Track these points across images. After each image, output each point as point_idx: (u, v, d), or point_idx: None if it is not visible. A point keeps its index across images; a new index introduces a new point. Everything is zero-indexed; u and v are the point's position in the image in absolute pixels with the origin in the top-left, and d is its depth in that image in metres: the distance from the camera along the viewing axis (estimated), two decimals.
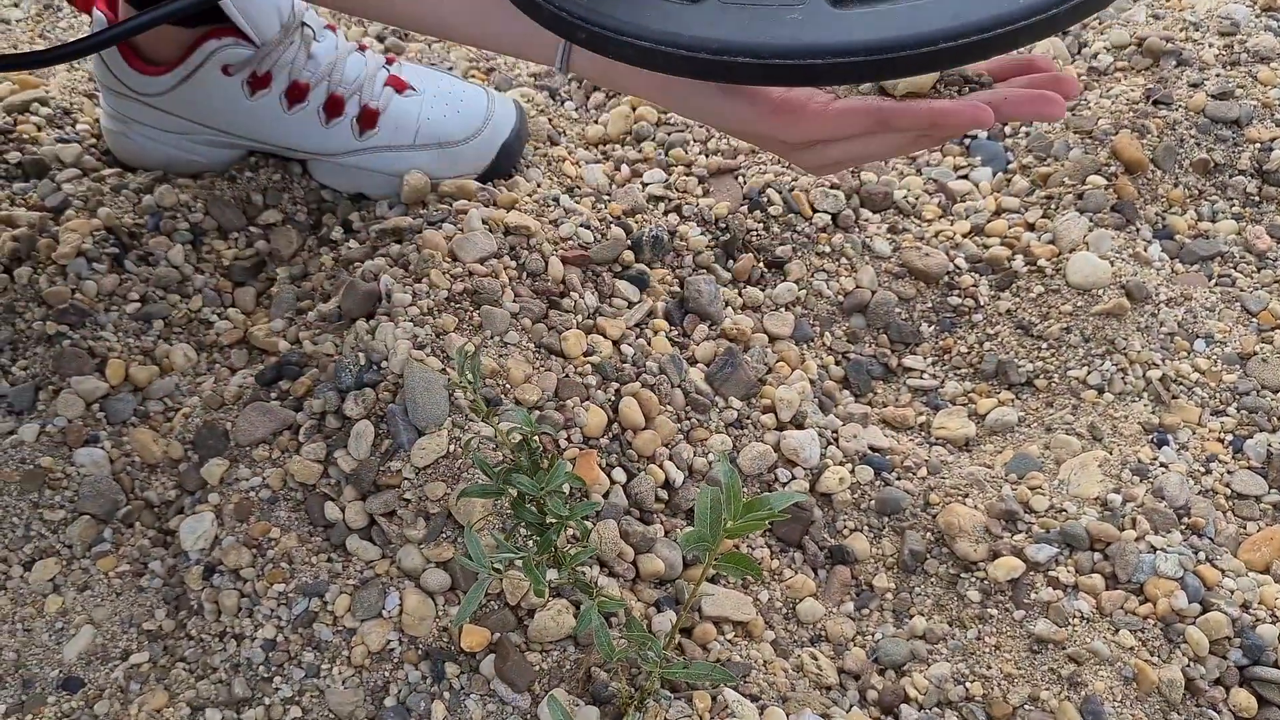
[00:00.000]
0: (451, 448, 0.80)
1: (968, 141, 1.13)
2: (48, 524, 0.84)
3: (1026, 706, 0.73)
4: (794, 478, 0.87)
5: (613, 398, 0.87)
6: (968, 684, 0.75)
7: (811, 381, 0.94)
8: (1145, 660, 0.74)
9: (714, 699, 0.75)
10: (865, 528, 0.86)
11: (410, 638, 0.76)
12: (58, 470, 0.86)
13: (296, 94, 0.98)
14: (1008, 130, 1.13)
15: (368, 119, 1.02)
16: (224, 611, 0.79)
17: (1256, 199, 1.05)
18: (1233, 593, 0.76)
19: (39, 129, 1.08)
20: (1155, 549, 0.79)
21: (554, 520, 0.67)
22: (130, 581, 0.83)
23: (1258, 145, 1.06)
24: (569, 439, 0.83)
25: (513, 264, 0.93)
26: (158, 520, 0.86)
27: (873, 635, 0.81)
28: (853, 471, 0.88)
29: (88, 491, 0.85)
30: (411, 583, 0.78)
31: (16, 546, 0.83)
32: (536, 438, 0.68)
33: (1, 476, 0.84)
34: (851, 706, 0.76)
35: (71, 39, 0.75)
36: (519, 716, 0.73)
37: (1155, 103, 1.09)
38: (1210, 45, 1.14)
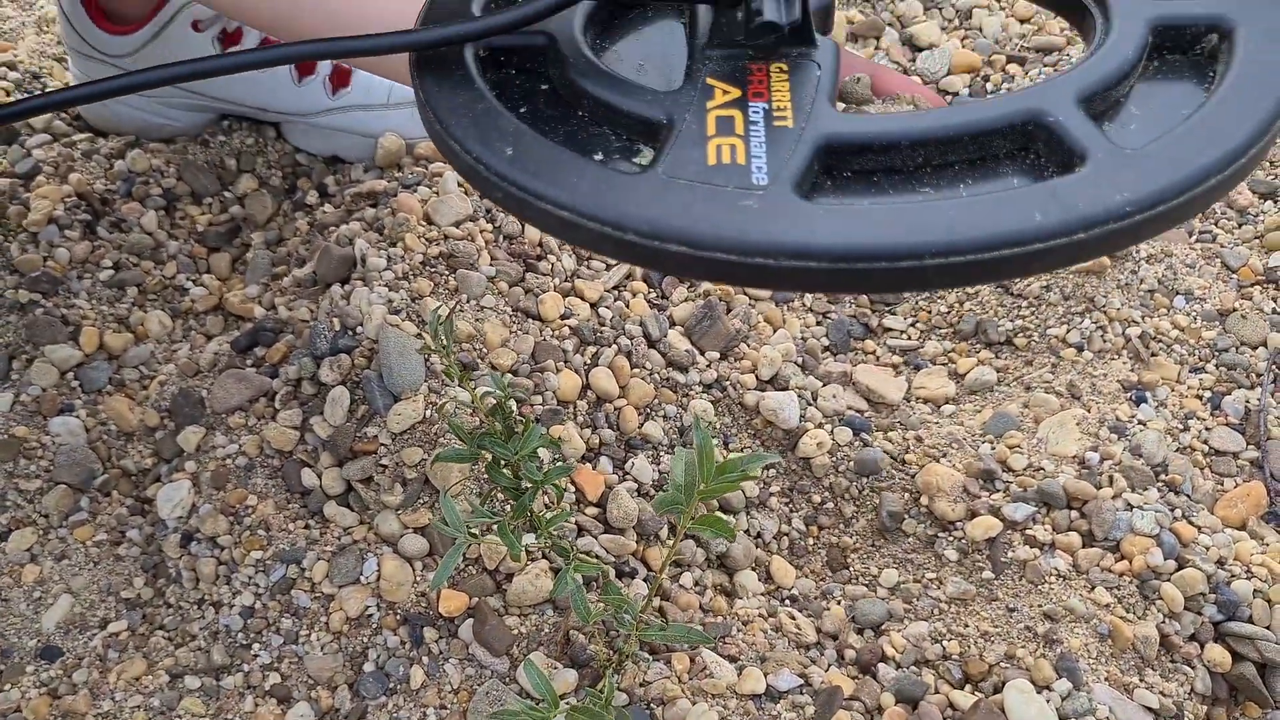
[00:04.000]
0: (427, 413, 0.80)
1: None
2: (24, 494, 0.83)
3: (1003, 664, 0.73)
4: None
5: (589, 361, 0.87)
6: (945, 643, 0.76)
7: (795, 341, 0.93)
8: (1120, 617, 0.74)
9: (692, 660, 0.75)
10: (845, 493, 0.86)
11: (389, 603, 0.76)
12: (33, 439, 0.85)
13: None
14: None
15: (340, 77, 1.01)
16: (202, 579, 0.79)
17: None
18: (1208, 549, 0.77)
19: (8, 94, 1.06)
20: (1132, 506, 0.79)
21: (529, 484, 0.67)
22: (108, 550, 0.82)
23: None
24: (544, 403, 0.83)
25: (489, 226, 0.92)
26: (135, 488, 0.86)
27: (850, 595, 0.81)
28: (831, 433, 0.87)
29: (64, 460, 0.85)
30: (389, 548, 0.78)
31: None
32: (511, 401, 0.68)
33: None
34: (830, 666, 0.77)
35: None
36: (498, 680, 0.73)
37: None
38: None
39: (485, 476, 0.78)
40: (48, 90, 0.81)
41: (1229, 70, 0.47)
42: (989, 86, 1.15)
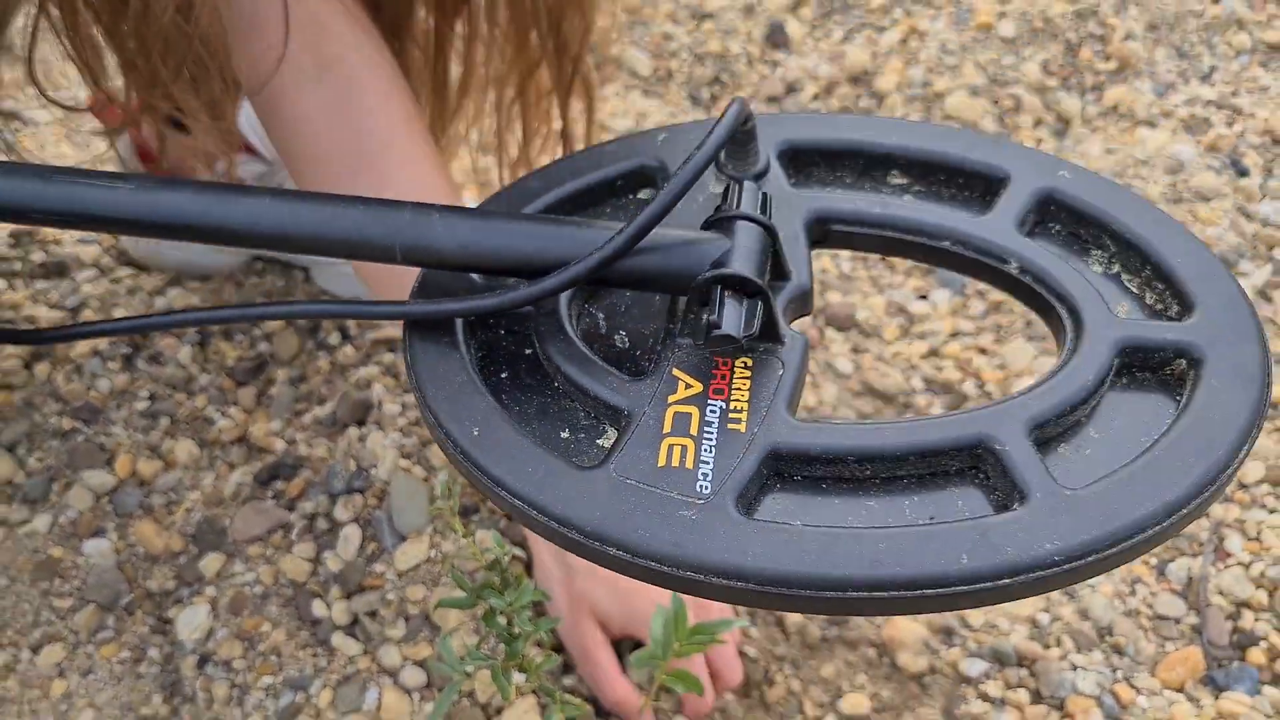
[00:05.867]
0: (432, 553, 0.87)
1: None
2: (56, 611, 0.90)
3: None
4: None
5: None
6: None
7: None
8: None
9: None
10: (815, 641, 0.93)
11: None
12: (67, 560, 0.92)
13: None
14: None
15: None
16: (216, 700, 0.85)
17: None
18: (1145, 710, 0.83)
19: (58, 243, 1.16)
20: (1076, 667, 0.85)
21: (521, 632, 0.74)
22: (130, 668, 0.89)
23: None
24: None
25: None
26: (157, 609, 0.92)
27: None
28: None
29: (94, 581, 0.92)
30: (390, 679, 0.84)
31: (26, 632, 0.89)
32: (507, 556, 0.75)
33: (15, 566, 0.91)
34: None
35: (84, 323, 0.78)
36: None
37: None
38: (1156, 182, 1.23)
39: (483, 618, 0.85)
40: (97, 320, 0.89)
41: (1189, 407, 0.46)
42: None
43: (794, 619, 0.93)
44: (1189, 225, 1.18)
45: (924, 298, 1.19)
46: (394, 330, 1.05)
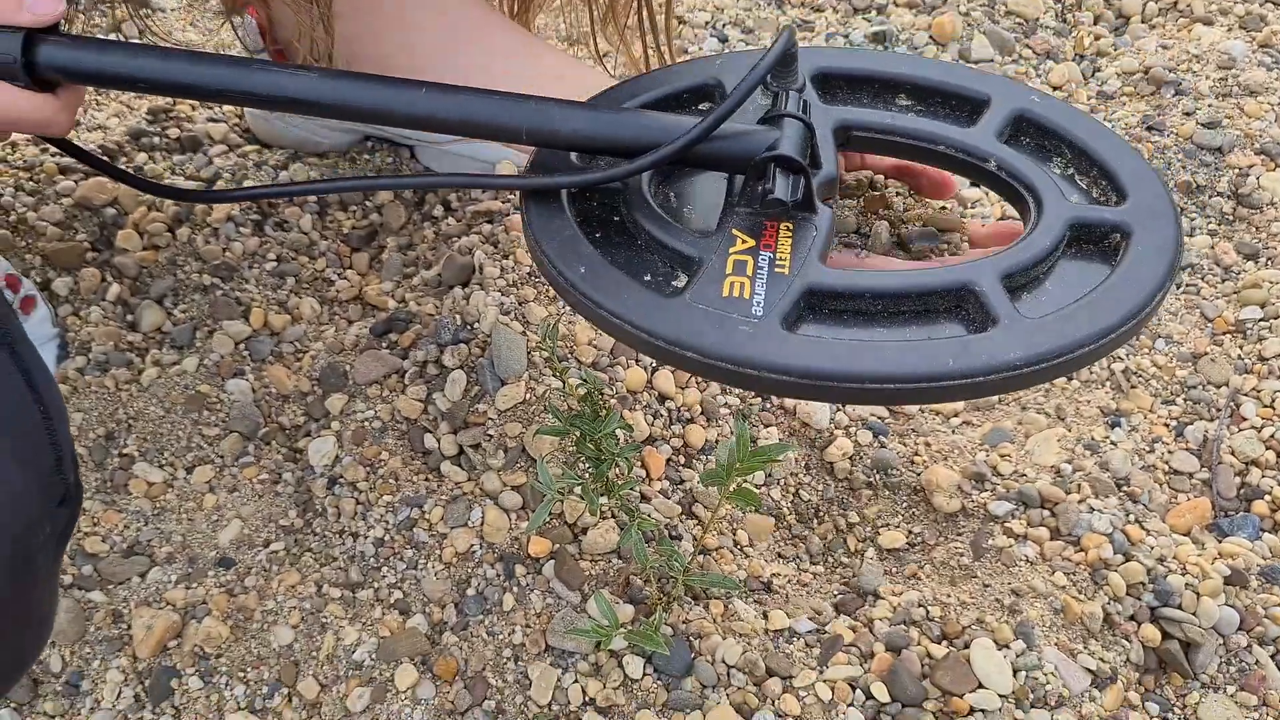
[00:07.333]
0: (527, 396, 1.00)
1: None
2: (205, 438, 1.05)
3: (973, 627, 0.92)
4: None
5: (655, 364, 1.06)
6: (929, 608, 0.94)
7: None
8: (1073, 597, 0.92)
9: (725, 606, 0.94)
10: (863, 485, 1.05)
11: (489, 544, 0.96)
12: (213, 396, 1.07)
13: None
14: None
15: None
16: (343, 515, 0.99)
17: (1231, 218, 1.21)
18: (1152, 548, 0.94)
19: (193, 108, 1.29)
20: (1093, 510, 0.96)
21: (607, 456, 0.87)
22: (269, 487, 1.04)
23: (1236, 171, 1.21)
24: (615, 393, 1.03)
25: None
26: (289, 440, 1.07)
27: (854, 568, 1.00)
28: (854, 435, 1.06)
29: (236, 414, 1.06)
30: (491, 501, 0.98)
31: (181, 454, 1.04)
32: (599, 391, 0.88)
33: (170, 399, 1.06)
34: (835, 618, 0.95)
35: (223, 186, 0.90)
36: (571, 609, 0.93)
37: (1149, 128, 1.25)
38: (1207, 77, 1.29)
39: (572, 448, 0.98)
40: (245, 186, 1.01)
41: (1119, 266, 0.61)
42: None
43: (842, 466, 1.05)
44: (1235, 119, 1.25)
45: (976, 184, 1.27)
46: (491, 204, 1.17)
